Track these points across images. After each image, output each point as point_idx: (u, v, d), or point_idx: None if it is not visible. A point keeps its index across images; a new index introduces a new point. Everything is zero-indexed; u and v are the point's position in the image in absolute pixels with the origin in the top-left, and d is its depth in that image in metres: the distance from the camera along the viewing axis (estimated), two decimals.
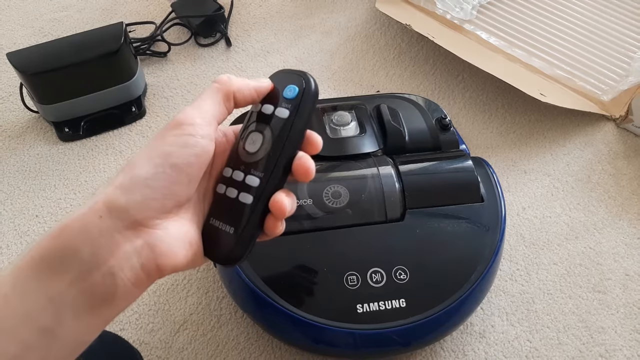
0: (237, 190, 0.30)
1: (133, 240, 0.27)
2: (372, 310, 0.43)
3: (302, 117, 0.30)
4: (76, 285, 0.25)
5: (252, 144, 0.31)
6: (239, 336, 0.50)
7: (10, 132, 0.67)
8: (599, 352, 0.48)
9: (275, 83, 0.32)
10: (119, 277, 0.26)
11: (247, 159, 0.31)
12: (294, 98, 0.31)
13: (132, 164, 0.28)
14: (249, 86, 0.32)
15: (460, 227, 0.47)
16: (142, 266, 0.27)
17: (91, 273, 0.26)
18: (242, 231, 0.30)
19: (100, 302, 0.26)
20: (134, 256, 0.27)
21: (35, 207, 0.59)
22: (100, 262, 0.26)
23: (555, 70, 0.67)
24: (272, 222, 0.31)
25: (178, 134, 0.29)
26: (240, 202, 0.30)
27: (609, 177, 0.61)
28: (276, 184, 0.30)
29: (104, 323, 0.27)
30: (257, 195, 0.30)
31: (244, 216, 0.30)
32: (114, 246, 0.26)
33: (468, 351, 0.49)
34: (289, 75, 0.32)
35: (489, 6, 0.75)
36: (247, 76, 0.72)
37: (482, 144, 0.64)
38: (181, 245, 0.29)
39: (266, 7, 0.81)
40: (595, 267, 0.54)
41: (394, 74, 0.72)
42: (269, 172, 0.30)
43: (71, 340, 0.26)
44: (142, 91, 0.68)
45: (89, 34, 0.64)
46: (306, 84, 0.31)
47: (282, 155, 0.30)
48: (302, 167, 0.31)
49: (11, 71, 0.72)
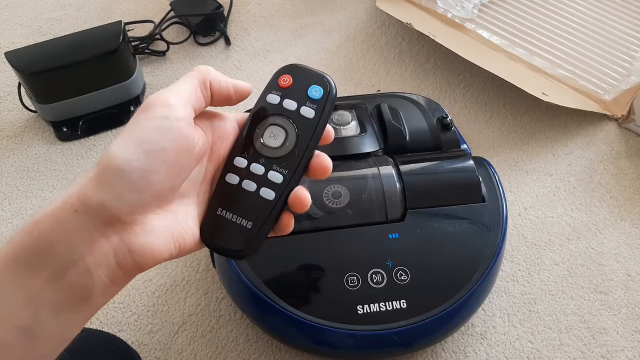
0: (256, 184, 0.30)
1: (109, 237, 0.26)
2: (372, 311, 0.42)
3: (325, 119, 0.31)
4: (53, 283, 0.25)
5: (274, 138, 0.31)
6: (238, 337, 0.49)
7: (8, 131, 0.67)
8: (600, 353, 0.48)
9: (294, 78, 0.32)
10: (95, 275, 0.25)
11: (267, 153, 0.31)
12: (319, 99, 0.31)
13: (107, 154, 0.26)
14: (227, 80, 0.31)
15: (462, 228, 0.46)
16: (117, 263, 0.26)
17: (67, 270, 0.25)
18: (261, 227, 0.30)
19: (78, 300, 0.25)
20: (110, 253, 0.26)
21: (33, 207, 0.59)
22: (77, 259, 0.25)
23: (557, 70, 0.67)
24: (287, 219, 0.31)
25: (150, 117, 0.27)
26: (262, 197, 0.30)
27: (611, 177, 0.60)
28: (297, 181, 0.31)
29: (84, 319, 0.27)
30: (280, 192, 0.30)
31: (264, 212, 0.30)
32: (90, 242, 0.25)
33: (469, 352, 0.48)
34: (310, 74, 0.32)
35: (490, 5, 0.74)
36: (246, 75, 0.72)
37: (483, 144, 0.64)
38: (163, 239, 0.27)
39: (266, 6, 0.81)
40: (597, 268, 0.53)
41: (395, 73, 0.71)
42: (293, 169, 0.31)
43: (51, 338, 0.26)
44: (140, 90, 0.68)
45: (88, 33, 0.64)
46: (330, 87, 0.32)
47: (306, 155, 0.31)
48: (320, 165, 0.31)
49: (9, 70, 0.72)
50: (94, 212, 0.25)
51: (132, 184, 0.26)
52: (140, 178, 0.26)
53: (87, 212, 0.25)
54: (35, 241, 0.25)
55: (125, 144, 0.26)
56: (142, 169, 0.26)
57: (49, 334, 0.25)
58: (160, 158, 0.26)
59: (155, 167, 0.26)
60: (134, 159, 0.26)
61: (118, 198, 0.25)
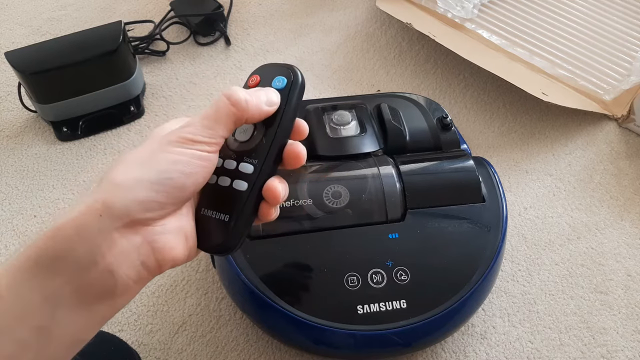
0: (230, 178, 0.31)
1: (130, 238, 0.27)
2: (372, 311, 0.42)
3: (291, 105, 0.32)
4: (72, 283, 0.25)
5: (243, 133, 0.32)
6: (238, 337, 0.49)
7: (8, 131, 0.66)
8: (600, 353, 0.48)
9: (261, 76, 0.33)
10: (117, 274, 0.26)
11: (238, 147, 0.32)
12: (282, 88, 0.32)
13: (132, 162, 0.28)
14: (261, 111, 0.31)
15: (462, 228, 0.46)
16: (142, 263, 0.27)
17: (88, 271, 0.25)
18: (237, 217, 0.30)
19: (97, 299, 0.26)
20: (134, 253, 0.27)
21: (33, 207, 0.59)
22: (98, 259, 0.26)
23: (557, 70, 0.67)
24: (266, 209, 0.31)
25: (188, 147, 0.28)
26: (235, 189, 0.31)
27: (611, 177, 0.60)
28: (269, 171, 0.31)
29: (101, 321, 0.27)
30: (252, 181, 0.31)
31: (239, 202, 0.31)
32: (111, 244, 0.26)
33: (469, 352, 0.48)
34: (275, 67, 0.33)
35: (490, 5, 0.74)
36: (246, 75, 0.72)
37: (483, 144, 0.64)
38: (178, 239, 0.29)
39: (266, 6, 0.81)
40: (597, 268, 0.53)
41: (395, 73, 0.71)
42: (263, 158, 0.31)
43: (67, 338, 0.26)
44: (140, 90, 0.68)
45: (88, 33, 0.64)
46: (293, 75, 0.32)
47: (274, 142, 0.31)
48: (293, 153, 0.32)
49: (9, 70, 0.72)
50: (118, 216, 0.26)
51: (159, 196, 0.27)
52: (168, 193, 0.28)
53: (111, 216, 0.26)
54: (57, 246, 0.25)
55: (157, 160, 0.28)
56: (173, 186, 0.28)
57: (64, 335, 0.26)
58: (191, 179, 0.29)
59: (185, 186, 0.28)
60: (167, 177, 0.28)
61: (144, 205, 0.27)
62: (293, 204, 0.46)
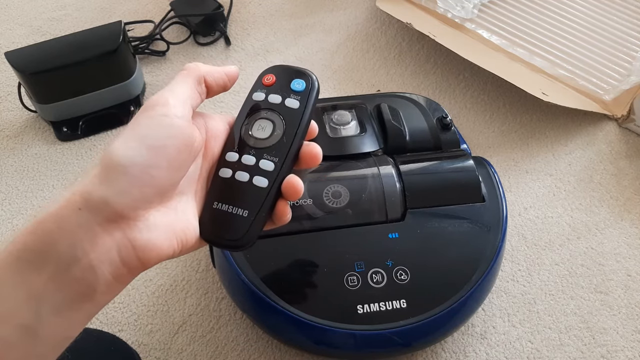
0: (249, 174, 0.32)
1: (113, 233, 0.26)
2: (372, 311, 0.42)
3: (310, 108, 0.34)
4: (55, 280, 0.25)
5: (262, 130, 0.33)
6: (238, 337, 0.49)
7: (8, 131, 0.67)
8: (600, 353, 0.48)
9: (276, 76, 0.34)
10: (99, 271, 0.25)
11: (257, 144, 0.32)
12: (302, 91, 0.34)
13: (109, 152, 0.27)
14: (219, 70, 0.32)
15: (462, 228, 0.46)
16: (122, 260, 0.26)
17: (70, 267, 0.25)
18: (257, 213, 0.31)
19: (81, 297, 0.26)
20: (114, 250, 0.26)
21: (33, 208, 0.59)
22: (80, 255, 0.25)
23: (557, 70, 0.67)
24: (283, 207, 0.32)
25: (151, 115, 0.28)
26: (255, 185, 0.31)
27: (611, 177, 0.60)
28: (288, 169, 0.32)
29: (87, 318, 0.27)
30: (273, 178, 0.32)
31: (259, 199, 0.31)
32: (93, 239, 0.25)
33: (469, 352, 0.48)
34: (292, 70, 0.35)
35: (490, 5, 0.74)
36: (246, 75, 0.72)
37: (483, 144, 0.64)
38: (165, 235, 0.28)
39: (266, 6, 0.81)
40: (597, 268, 0.53)
41: (395, 73, 0.71)
42: (284, 157, 0.32)
43: (53, 336, 0.26)
44: (140, 90, 0.68)
45: (88, 33, 0.64)
46: (312, 80, 0.34)
47: (294, 141, 0.32)
48: (311, 153, 0.33)
49: (9, 70, 0.71)
50: (97, 208, 0.25)
51: (134, 180, 0.26)
52: (142, 173, 0.27)
53: (91, 209, 0.25)
54: (38, 240, 0.25)
55: (127, 141, 0.27)
56: (145, 164, 0.27)
57: (50, 333, 0.25)
58: (162, 154, 0.27)
59: (157, 162, 0.27)
60: (137, 155, 0.27)
61: (121, 194, 0.26)
62: (293, 204, 0.46)
